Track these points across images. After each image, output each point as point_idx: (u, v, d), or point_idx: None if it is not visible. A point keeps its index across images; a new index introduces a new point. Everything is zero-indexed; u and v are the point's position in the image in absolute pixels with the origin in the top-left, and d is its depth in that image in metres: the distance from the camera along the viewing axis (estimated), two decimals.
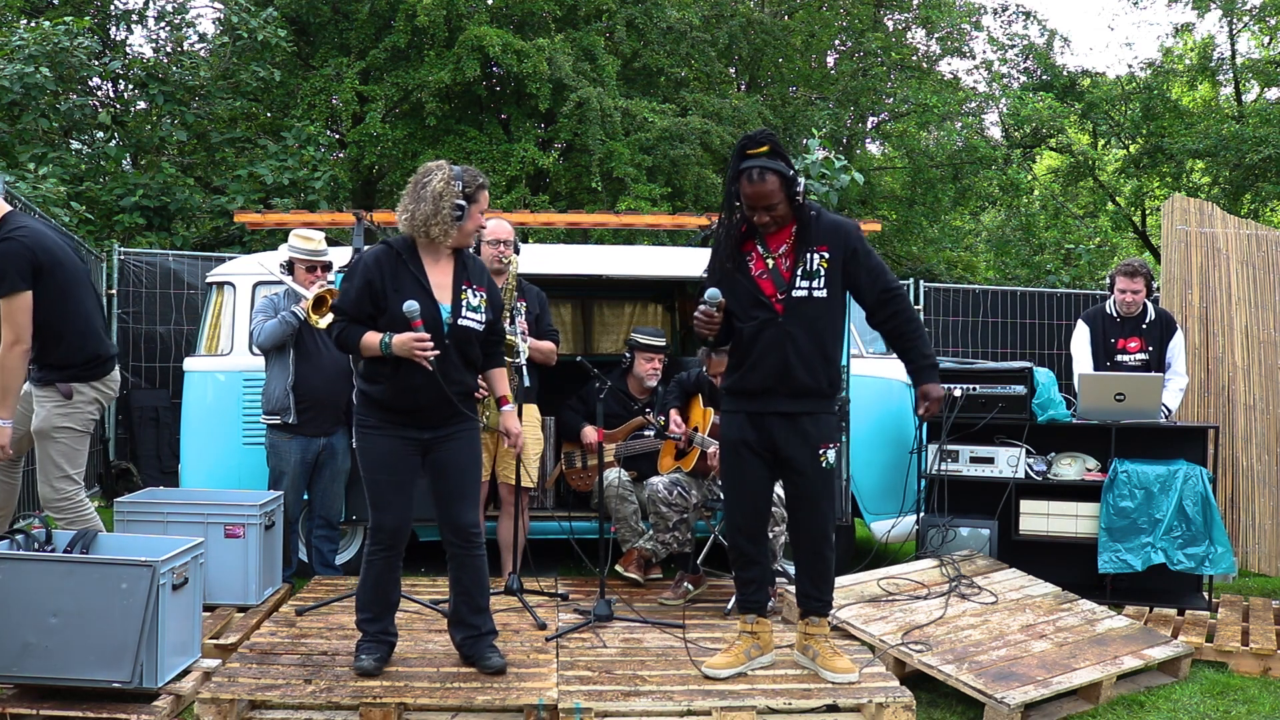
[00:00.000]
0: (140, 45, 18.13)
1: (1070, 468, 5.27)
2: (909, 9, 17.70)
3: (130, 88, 11.63)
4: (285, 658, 3.84)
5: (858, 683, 3.62)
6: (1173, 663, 4.21)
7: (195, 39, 12.02)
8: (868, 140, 18.95)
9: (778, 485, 4.44)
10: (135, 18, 12.04)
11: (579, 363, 4.83)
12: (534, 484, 5.05)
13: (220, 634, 4.24)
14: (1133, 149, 17.11)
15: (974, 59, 21.15)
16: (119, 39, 12.11)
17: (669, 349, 5.61)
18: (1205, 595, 5.11)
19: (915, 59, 17.98)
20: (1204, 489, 4.95)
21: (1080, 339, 5.78)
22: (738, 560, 3.84)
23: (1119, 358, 5.68)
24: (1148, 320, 5.66)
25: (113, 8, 11.99)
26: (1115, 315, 5.70)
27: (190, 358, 5.68)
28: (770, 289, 3.61)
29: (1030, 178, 16.88)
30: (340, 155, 13.20)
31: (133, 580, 3.44)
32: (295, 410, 5.02)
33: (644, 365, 5.39)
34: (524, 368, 4.57)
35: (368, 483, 3.67)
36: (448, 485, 3.72)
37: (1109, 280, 5.79)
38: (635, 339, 5.43)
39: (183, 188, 10.29)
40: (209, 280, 5.79)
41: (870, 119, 17.98)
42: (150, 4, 12.10)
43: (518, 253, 4.93)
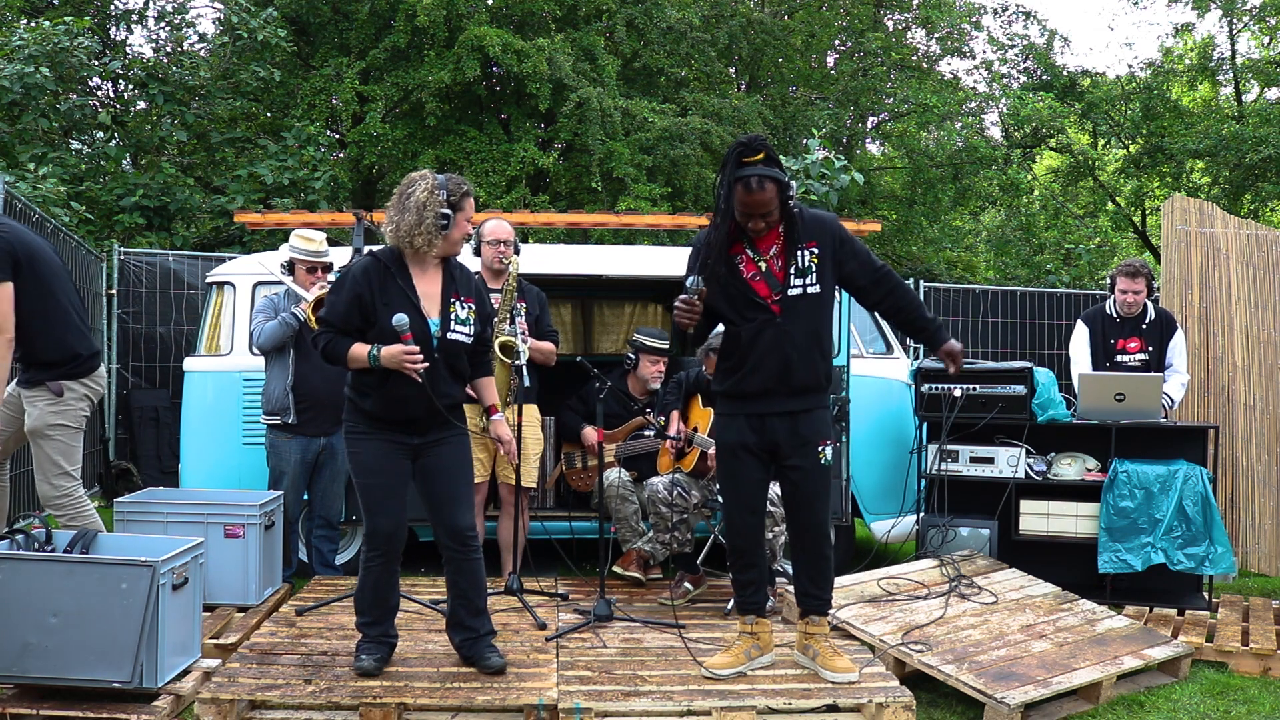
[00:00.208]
0: (140, 45, 18.14)
1: (1070, 468, 5.27)
2: (909, 9, 17.71)
3: (130, 88, 11.64)
4: (285, 658, 3.84)
5: (858, 683, 3.62)
6: (1173, 663, 4.21)
7: (195, 39, 12.04)
8: (868, 140, 18.96)
9: (774, 485, 4.46)
10: (135, 18, 12.05)
11: (579, 363, 4.83)
12: (534, 484, 5.05)
13: (220, 634, 4.24)
14: (1133, 149, 17.12)
15: (974, 59, 21.20)
16: (119, 39, 12.11)
17: (673, 350, 5.61)
18: (1205, 595, 5.11)
19: (915, 59, 17.98)
20: (1204, 489, 4.95)
21: (1079, 339, 5.78)
22: (736, 562, 3.84)
23: (1119, 358, 5.67)
24: (1147, 320, 5.66)
25: (113, 8, 12.00)
26: (1115, 315, 5.70)
27: (190, 358, 5.68)
28: (765, 290, 3.61)
29: (1030, 178, 16.89)
30: (340, 155, 13.21)
31: (133, 580, 3.44)
32: (295, 410, 5.02)
33: (649, 367, 5.39)
34: (524, 368, 4.57)
35: (360, 488, 3.66)
36: (439, 490, 3.72)
37: (1109, 281, 5.79)
38: (641, 341, 5.42)
39: (183, 188, 10.29)
40: (209, 280, 5.79)
41: (870, 119, 17.99)
42: (150, 4, 12.11)
43: (518, 253, 4.93)
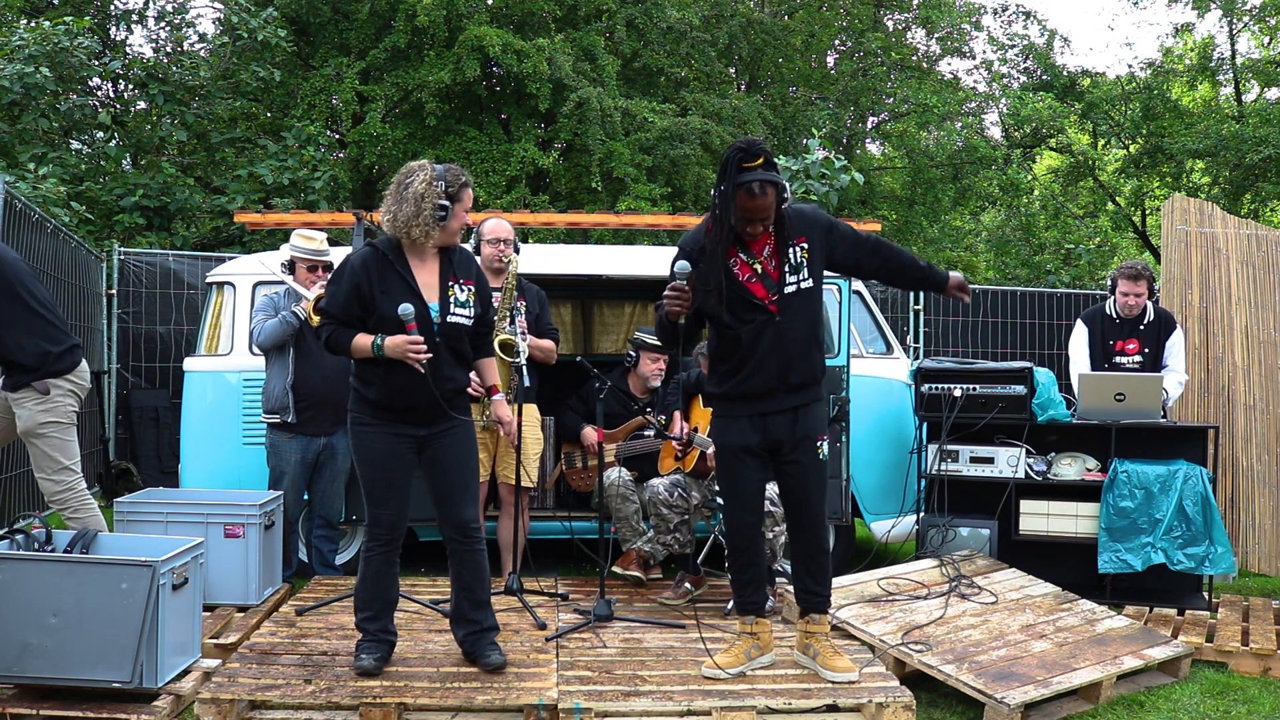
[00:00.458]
0: (140, 45, 18.15)
1: (1070, 468, 5.27)
2: (909, 9, 17.71)
3: (130, 88, 11.63)
4: (285, 658, 3.84)
5: (858, 682, 3.62)
6: (1173, 663, 4.21)
7: (195, 39, 12.03)
8: (868, 140, 18.97)
9: (773, 485, 4.46)
10: (135, 18, 12.05)
11: (579, 363, 4.83)
12: (534, 484, 5.05)
13: (220, 634, 4.24)
14: (1133, 149, 17.12)
15: (974, 59, 21.22)
16: (119, 39, 12.11)
17: (666, 347, 5.60)
18: (1205, 595, 5.11)
19: (915, 59, 17.99)
20: (1204, 489, 4.95)
21: (1078, 339, 5.78)
22: (736, 562, 3.85)
23: (1117, 359, 5.67)
24: (1145, 322, 5.65)
25: (113, 8, 11.99)
26: (1115, 316, 5.69)
27: (190, 358, 5.67)
28: (762, 292, 3.61)
29: (1030, 178, 16.89)
30: (340, 155, 13.21)
31: (133, 580, 3.44)
32: (295, 410, 5.02)
33: (649, 365, 5.39)
34: (524, 367, 4.57)
35: (364, 479, 3.67)
36: (446, 481, 3.73)
37: (1110, 282, 5.78)
38: (642, 339, 5.43)
39: (183, 188, 10.29)
40: (209, 280, 5.79)
41: (870, 119, 17.99)
42: (150, 4, 12.11)
43: (518, 252, 4.93)
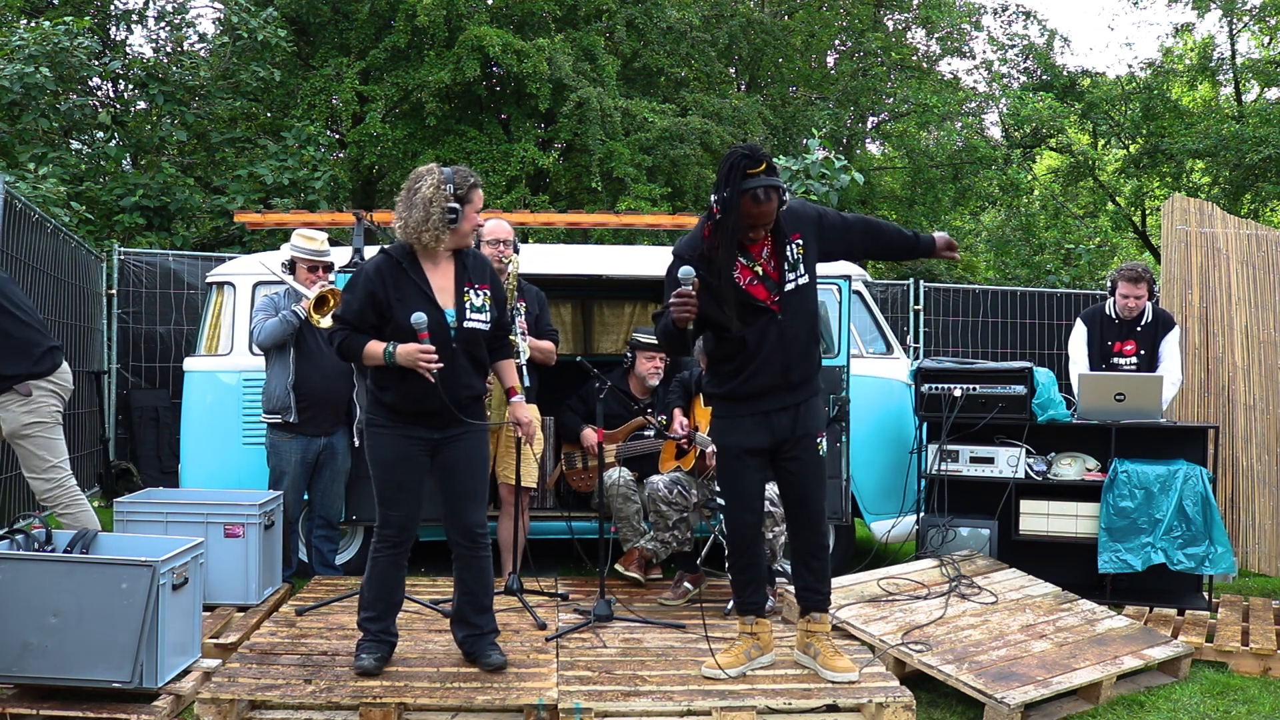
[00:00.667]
0: (140, 45, 18.14)
1: (1070, 468, 5.27)
2: (909, 9, 17.71)
3: (130, 88, 11.63)
4: (285, 658, 3.84)
5: (858, 682, 3.62)
6: (1173, 663, 4.21)
7: (195, 39, 12.03)
8: (868, 140, 18.96)
9: (773, 485, 4.46)
10: (135, 18, 12.05)
11: (579, 363, 4.83)
12: (534, 484, 5.05)
13: (220, 633, 4.24)
14: (1133, 149, 17.12)
15: (974, 59, 21.21)
16: (119, 39, 12.11)
17: (675, 349, 5.59)
18: (1205, 595, 5.11)
19: (915, 59, 17.98)
20: (1204, 489, 4.95)
21: (1078, 339, 5.78)
22: (736, 563, 3.85)
23: (1115, 360, 5.67)
24: (1143, 323, 5.65)
25: (113, 8, 11.99)
26: (1114, 317, 5.69)
27: (190, 358, 5.67)
28: (764, 294, 3.61)
29: (1030, 178, 16.89)
30: (340, 155, 13.21)
31: (133, 580, 3.44)
32: (296, 409, 5.02)
33: (645, 364, 5.39)
34: (524, 368, 4.57)
35: (376, 480, 3.69)
36: (455, 485, 3.74)
37: (1109, 283, 5.78)
38: (636, 338, 5.44)
39: (183, 188, 10.29)
40: (209, 280, 5.79)
41: (870, 119, 17.98)
42: (150, 4, 12.11)
43: (517, 252, 4.94)
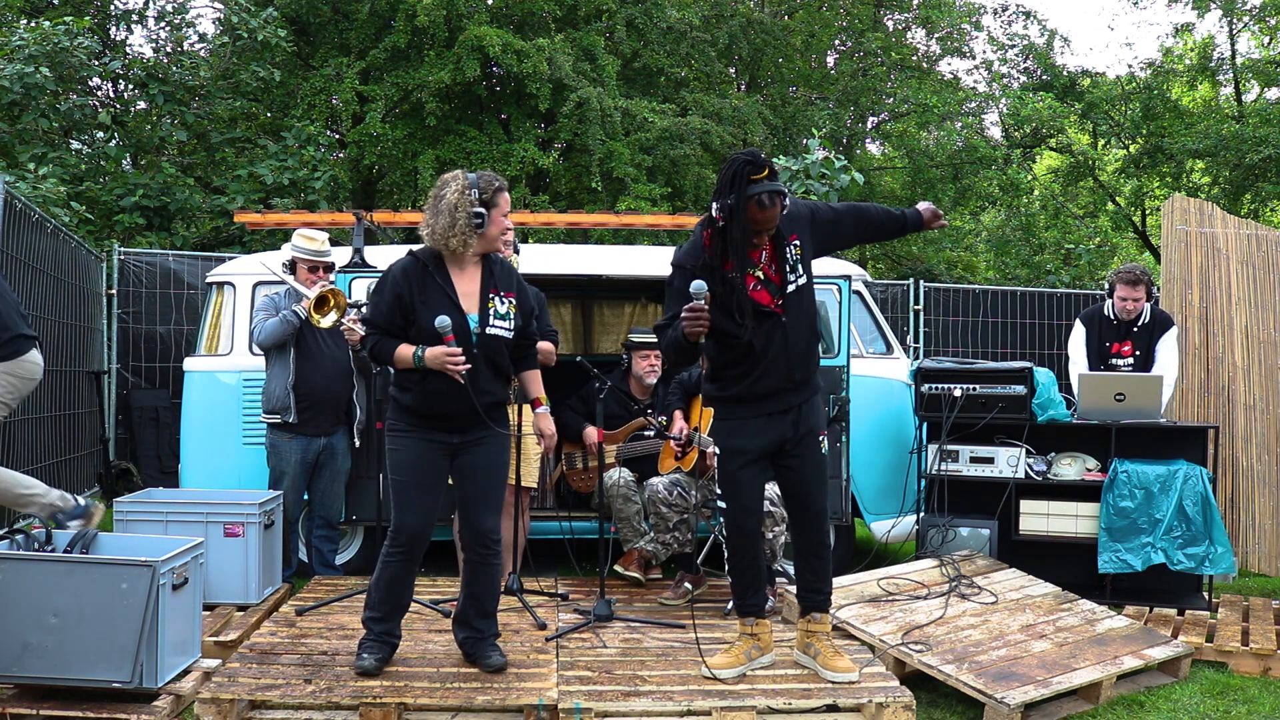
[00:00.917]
0: (140, 45, 18.14)
1: (1070, 468, 5.27)
2: (909, 9, 17.70)
3: (130, 88, 11.63)
4: (285, 658, 3.84)
5: (858, 683, 3.62)
6: (1173, 663, 4.21)
7: (195, 39, 12.03)
8: (868, 140, 18.96)
9: (774, 485, 4.46)
10: (135, 18, 12.04)
11: (579, 363, 4.83)
12: (534, 484, 5.05)
13: (220, 632, 4.25)
14: (1133, 149, 17.11)
15: (974, 59, 21.19)
16: (119, 39, 12.10)
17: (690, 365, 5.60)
18: (1205, 595, 5.11)
19: (915, 59, 17.97)
20: (1204, 489, 4.95)
21: (1077, 340, 5.78)
22: (736, 564, 3.84)
23: (1113, 361, 5.67)
24: (1140, 324, 5.65)
25: (113, 8, 11.99)
26: (1113, 318, 5.70)
27: (190, 358, 5.68)
28: (768, 298, 3.62)
29: (1030, 178, 16.88)
30: (340, 155, 13.20)
31: (133, 580, 3.45)
32: (296, 409, 5.02)
33: (641, 363, 5.39)
34: None
35: (393, 483, 3.69)
36: (471, 489, 3.74)
37: (1108, 285, 5.78)
38: (629, 338, 5.45)
39: (183, 188, 10.28)
40: (209, 280, 5.79)
41: (870, 119, 17.98)
42: (150, 4, 12.10)
43: (517, 253, 4.93)
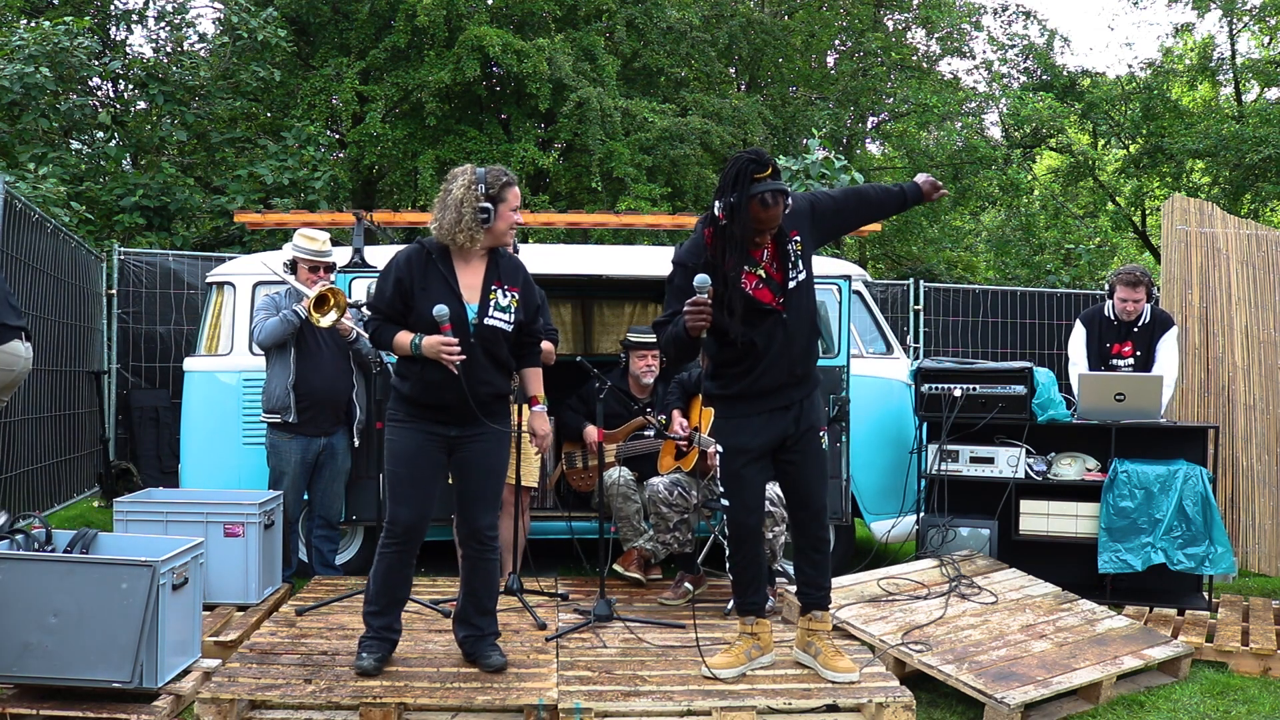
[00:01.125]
0: (140, 45, 18.15)
1: (1070, 468, 5.27)
2: (909, 9, 17.70)
3: (130, 88, 11.63)
4: (285, 658, 3.84)
5: (858, 682, 3.62)
6: (1173, 663, 4.21)
7: (195, 39, 12.02)
8: (868, 140, 18.95)
9: (774, 485, 4.46)
10: (135, 18, 12.04)
11: (579, 363, 4.83)
12: (534, 484, 5.05)
13: (220, 632, 4.25)
14: (1133, 149, 17.11)
15: (974, 59, 21.22)
16: (119, 39, 12.10)
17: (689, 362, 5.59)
18: (1205, 595, 5.11)
19: (915, 59, 17.97)
20: (1204, 489, 4.95)
21: (1077, 340, 5.78)
22: (737, 563, 3.84)
23: (1113, 362, 5.68)
24: (1140, 324, 5.65)
25: (113, 8, 11.99)
26: (1113, 319, 5.70)
27: (190, 358, 5.67)
28: (769, 297, 3.62)
29: (1030, 178, 16.88)
30: (340, 155, 13.20)
31: (133, 580, 3.44)
32: (296, 409, 5.02)
33: (638, 363, 5.39)
34: None
35: (388, 475, 3.70)
36: (468, 486, 3.74)
37: (1108, 286, 5.78)
38: (627, 338, 5.45)
39: (183, 188, 10.28)
40: (209, 280, 5.79)
41: (870, 119, 17.98)
42: (150, 4, 12.10)
43: (517, 252, 4.93)
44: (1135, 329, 5.65)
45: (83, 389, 7.35)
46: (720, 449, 3.79)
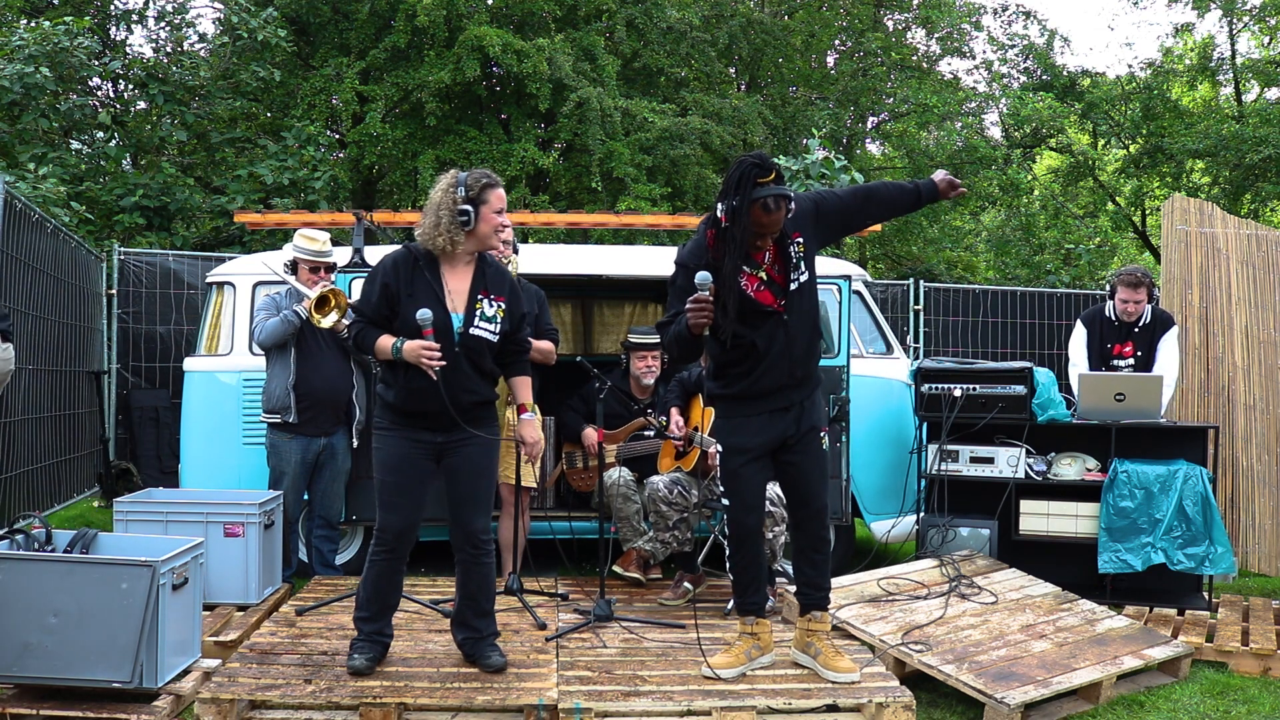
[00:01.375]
0: (140, 45, 18.15)
1: (1070, 468, 5.27)
2: (909, 9, 17.70)
3: (130, 88, 11.63)
4: (285, 658, 3.84)
5: (858, 682, 3.62)
6: (1173, 663, 4.21)
7: (195, 39, 12.03)
8: (868, 140, 18.95)
9: (774, 485, 4.46)
10: (135, 18, 12.04)
11: (579, 363, 4.83)
12: (534, 484, 5.04)
13: (220, 632, 4.25)
14: (1133, 149, 17.11)
15: (974, 59, 21.21)
16: (119, 39, 12.10)
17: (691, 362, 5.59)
18: (1205, 595, 5.11)
19: (915, 59, 17.97)
20: (1204, 489, 4.95)
21: (1078, 340, 5.78)
22: (737, 563, 3.84)
23: (1114, 362, 5.68)
24: (1141, 324, 5.66)
25: (113, 8, 11.99)
26: (1114, 319, 5.70)
27: (190, 358, 5.68)
28: (770, 299, 3.62)
29: (1030, 178, 16.88)
30: (340, 155, 13.20)
31: (133, 580, 3.45)
32: (296, 409, 5.02)
33: (638, 364, 5.39)
34: None
35: (377, 483, 3.69)
36: (459, 490, 3.74)
37: (1109, 287, 5.78)
38: (628, 338, 5.45)
39: (183, 188, 10.28)
40: (209, 280, 5.79)
41: (870, 119, 17.98)
42: (150, 4, 12.10)
43: (517, 253, 4.93)
44: (1136, 329, 5.65)
45: (83, 389, 7.35)
46: (720, 448, 3.79)
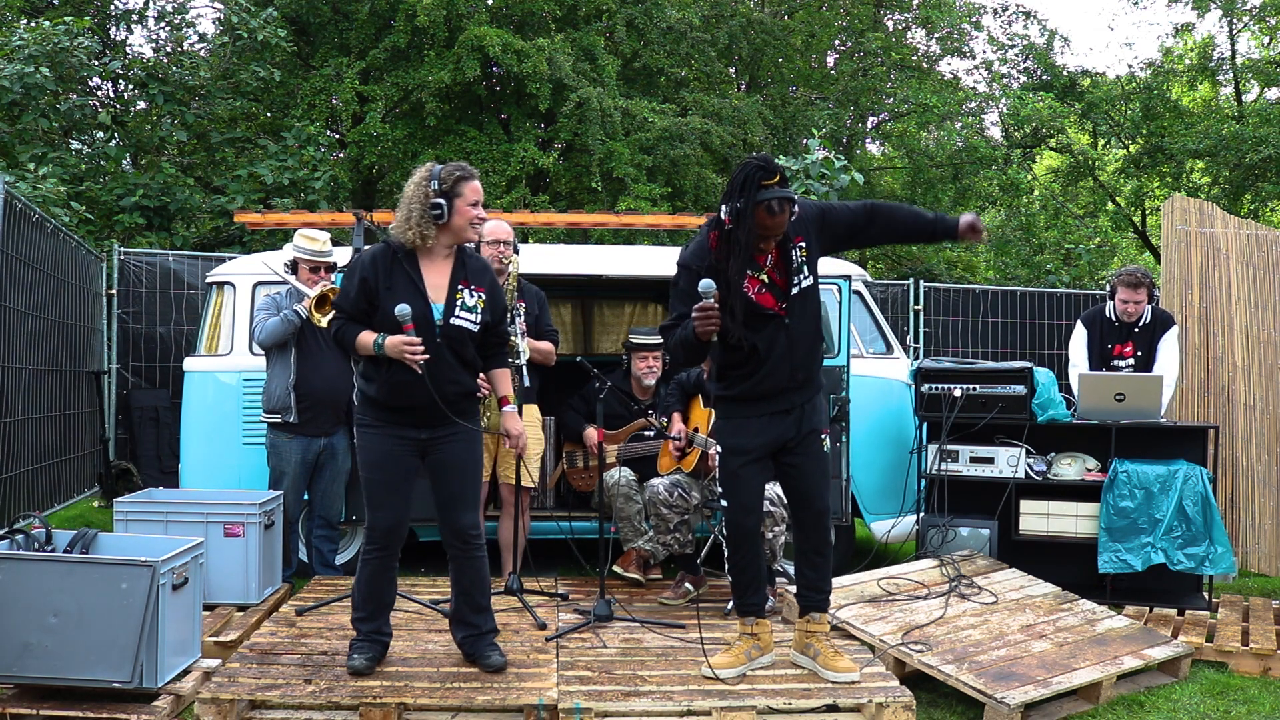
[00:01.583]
0: (140, 45, 18.14)
1: (1070, 468, 5.27)
2: (909, 9, 17.70)
3: (130, 88, 11.63)
4: (285, 658, 3.84)
5: (858, 682, 3.62)
6: (1173, 663, 4.21)
7: (195, 39, 12.03)
8: (868, 140, 18.95)
9: (774, 485, 4.47)
10: (135, 18, 12.04)
11: (579, 363, 4.83)
12: (534, 484, 5.05)
13: (220, 632, 4.25)
14: (1133, 149, 17.11)
15: (974, 59, 21.18)
16: (119, 39, 12.10)
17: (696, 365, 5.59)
18: (1205, 595, 5.11)
19: (915, 59, 17.97)
20: (1204, 489, 4.95)
21: (1078, 341, 5.78)
22: (736, 564, 3.84)
23: (1114, 362, 5.68)
24: (1141, 325, 5.66)
25: (113, 8, 11.99)
26: (1114, 320, 5.70)
27: (190, 358, 5.68)
28: (772, 302, 3.62)
29: (1030, 178, 16.87)
30: (340, 155, 13.20)
31: (133, 580, 3.45)
32: (296, 409, 5.02)
33: (639, 364, 5.39)
34: (524, 368, 4.57)
35: (364, 481, 3.69)
36: (445, 487, 3.73)
37: (1109, 287, 5.78)
38: (629, 339, 5.45)
39: (183, 188, 10.28)
40: (209, 280, 5.79)
41: (870, 119, 17.98)
42: (150, 4, 12.10)
43: (517, 253, 4.93)
44: (1136, 329, 5.65)
45: (83, 389, 7.35)
46: (719, 450, 3.79)
